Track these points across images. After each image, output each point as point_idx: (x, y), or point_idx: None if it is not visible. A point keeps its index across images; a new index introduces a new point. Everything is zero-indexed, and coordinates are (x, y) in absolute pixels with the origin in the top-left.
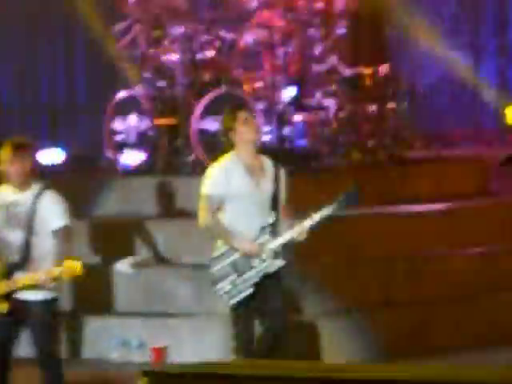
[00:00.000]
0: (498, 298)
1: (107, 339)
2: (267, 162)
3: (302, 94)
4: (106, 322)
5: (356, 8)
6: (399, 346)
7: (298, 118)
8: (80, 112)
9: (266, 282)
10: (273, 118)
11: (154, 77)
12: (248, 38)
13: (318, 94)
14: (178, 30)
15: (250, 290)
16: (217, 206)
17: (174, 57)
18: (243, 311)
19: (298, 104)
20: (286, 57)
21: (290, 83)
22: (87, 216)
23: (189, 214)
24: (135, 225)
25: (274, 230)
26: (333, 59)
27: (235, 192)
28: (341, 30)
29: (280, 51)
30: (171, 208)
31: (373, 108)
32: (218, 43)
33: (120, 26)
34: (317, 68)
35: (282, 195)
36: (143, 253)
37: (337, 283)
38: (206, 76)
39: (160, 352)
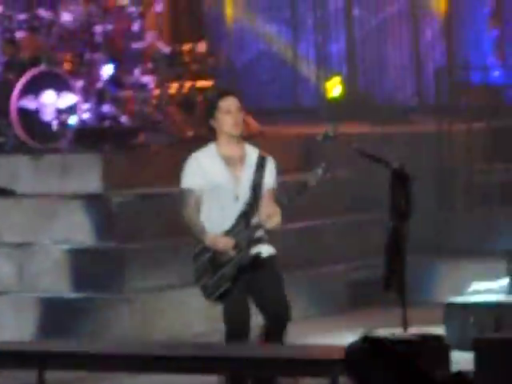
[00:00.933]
0: (318, 272)
1: None
2: (251, 152)
3: (120, 72)
4: None
5: None
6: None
7: (116, 95)
8: None
9: (257, 273)
10: (92, 95)
11: None
12: (66, 16)
13: (137, 72)
14: None
15: (228, 285)
16: (194, 199)
17: None
18: (229, 302)
19: (116, 82)
20: (105, 34)
21: (108, 61)
22: None
23: (10, 193)
24: None
25: (248, 219)
26: (151, 36)
27: (211, 184)
28: (159, 7)
29: (98, 29)
30: None
31: (192, 85)
32: (36, 22)
33: None
34: (135, 45)
35: (268, 185)
36: None
37: (157, 260)
38: (25, 55)
39: None
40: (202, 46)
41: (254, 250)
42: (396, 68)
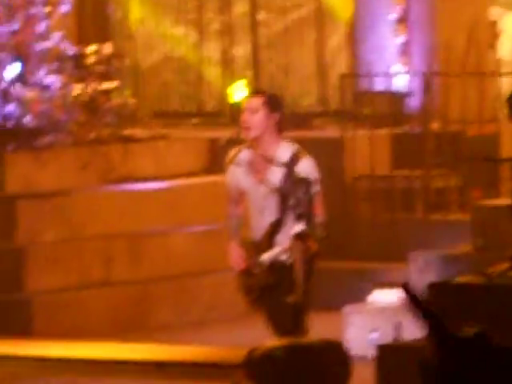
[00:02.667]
0: (218, 277)
1: None
2: (282, 152)
3: (25, 72)
4: None
5: None
6: (119, 325)
7: (21, 95)
8: None
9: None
10: None
11: None
12: None
13: (42, 72)
14: None
15: (254, 295)
16: (234, 197)
17: None
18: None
19: (21, 81)
20: (11, 34)
21: (14, 60)
22: None
23: None
24: None
25: (273, 233)
26: (57, 37)
27: (241, 187)
28: (66, 8)
29: (4, 28)
30: None
31: (96, 86)
32: None
33: None
34: (41, 46)
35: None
36: None
37: (58, 260)
38: None
39: None
40: (107, 48)
41: (274, 274)
42: (301, 73)
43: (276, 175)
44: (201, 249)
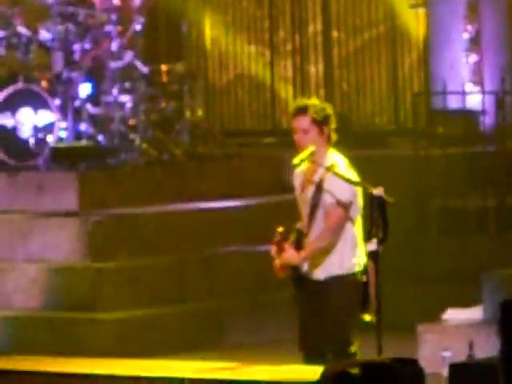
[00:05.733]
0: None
1: None
2: (321, 169)
3: (98, 91)
4: None
5: (153, 4)
6: (193, 344)
7: (94, 114)
8: None
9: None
10: (69, 113)
11: None
12: (44, 33)
13: (115, 91)
14: None
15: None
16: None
17: None
18: None
19: (94, 100)
20: (83, 53)
21: (86, 79)
22: None
23: None
24: None
25: (300, 243)
26: (130, 55)
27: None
28: (138, 27)
29: (76, 47)
30: None
31: (169, 105)
32: (14, 39)
33: None
34: (114, 64)
35: (328, 202)
36: None
37: (132, 279)
38: (3, 71)
39: None
40: (180, 67)
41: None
42: (374, 92)
43: (316, 179)
44: (272, 268)
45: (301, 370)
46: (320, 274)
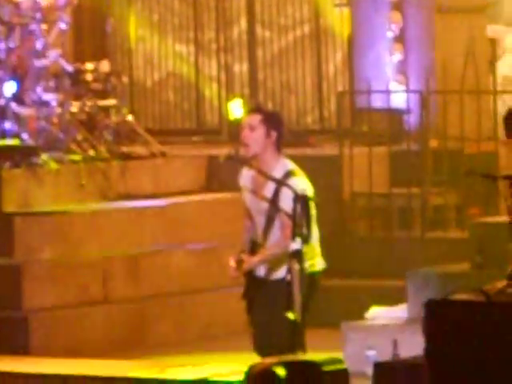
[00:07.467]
0: (216, 294)
1: None
2: (278, 169)
3: (22, 89)
4: None
5: (78, 2)
6: (118, 344)
7: (18, 112)
8: None
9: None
10: None
11: None
12: None
13: (39, 89)
14: None
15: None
16: (246, 212)
17: None
18: None
19: (19, 99)
20: (7, 51)
21: (11, 78)
22: None
23: None
24: None
25: (254, 247)
26: (54, 54)
27: (247, 204)
28: (62, 25)
29: (1, 46)
30: None
31: (94, 103)
32: None
33: None
34: (38, 63)
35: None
36: None
37: (56, 278)
38: None
39: None
40: (105, 65)
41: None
42: (299, 91)
43: (270, 191)
44: (198, 266)
45: (225, 369)
46: (280, 274)
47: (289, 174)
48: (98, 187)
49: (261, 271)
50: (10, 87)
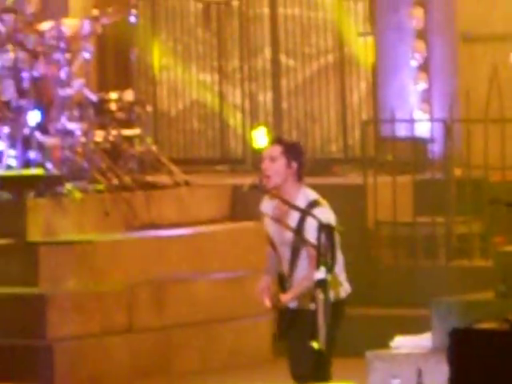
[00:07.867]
0: (241, 323)
1: None
2: (301, 199)
3: (47, 118)
4: None
5: (102, 32)
6: (143, 373)
7: (43, 142)
8: None
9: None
10: (18, 142)
11: None
12: None
13: (64, 118)
14: None
15: None
16: (270, 240)
17: None
18: None
19: (43, 128)
20: (32, 81)
21: (35, 107)
22: None
23: None
24: None
25: (283, 282)
26: (78, 83)
27: (270, 235)
28: (86, 55)
29: (25, 75)
30: None
31: (118, 133)
32: None
33: None
34: (62, 92)
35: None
36: None
37: (81, 307)
38: None
39: None
40: (129, 94)
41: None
42: (323, 120)
43: (294, 221)
44: (223, 295)
45: None
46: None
47: (313, 203)
48: (123, 216)
49: (293, 302)
50: (35, 116)
